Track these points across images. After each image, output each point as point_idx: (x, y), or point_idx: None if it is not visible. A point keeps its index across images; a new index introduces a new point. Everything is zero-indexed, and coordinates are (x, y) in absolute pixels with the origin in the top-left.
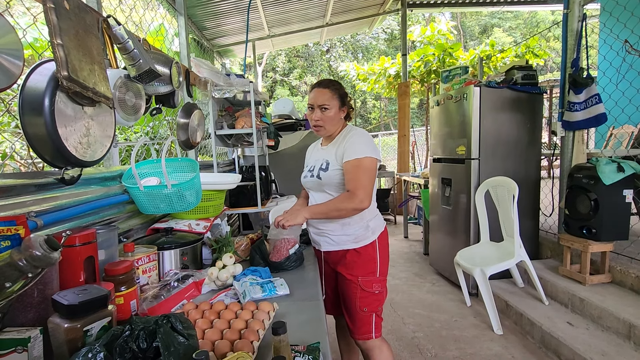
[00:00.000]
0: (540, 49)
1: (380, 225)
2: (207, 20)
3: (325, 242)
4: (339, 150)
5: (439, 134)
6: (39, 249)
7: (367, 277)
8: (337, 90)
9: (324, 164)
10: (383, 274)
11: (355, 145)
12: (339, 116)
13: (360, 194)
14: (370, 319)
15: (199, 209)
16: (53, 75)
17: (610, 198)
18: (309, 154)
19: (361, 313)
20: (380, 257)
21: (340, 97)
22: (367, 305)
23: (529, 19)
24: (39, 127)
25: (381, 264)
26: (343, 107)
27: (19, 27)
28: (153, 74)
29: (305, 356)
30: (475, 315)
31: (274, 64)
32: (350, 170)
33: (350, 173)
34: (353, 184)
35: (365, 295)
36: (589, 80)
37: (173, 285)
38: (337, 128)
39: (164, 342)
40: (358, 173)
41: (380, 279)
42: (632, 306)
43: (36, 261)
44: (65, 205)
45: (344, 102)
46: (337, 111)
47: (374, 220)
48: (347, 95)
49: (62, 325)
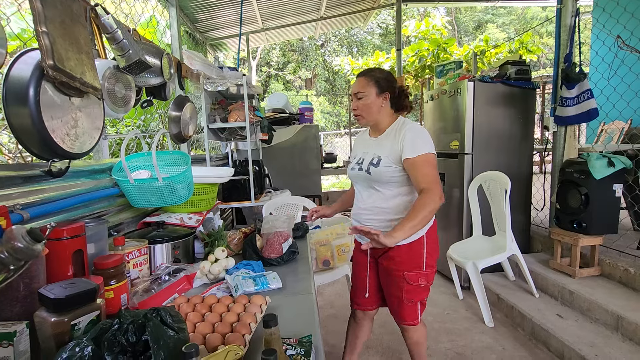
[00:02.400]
0: (534, 44)
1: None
2: (200, 12)
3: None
4: (394, 146)
5: (432, 129)
6: (22, 240)
7: (413, 271)
8: (373, 77)
9: (375, 159)
10: (430, 267)
11: (418, 141)
12: (378, 103)
13: (437, 189)
14: (416, 307)
15: (191, 203)
16: (38, 64)
17: (601, 192)
18: (356, 143)
19: (408, 304)
20: (427, 251)
21: (377, 83)
22: (413, 297)
23: (522, 15)
24: (24, 118)
25: (427, 258)
26: (382, 93)
27: (2, 16)
28: (143, 65)
29: (297, 348)
30: (467, 308)
31: (268, 58)
32: (420, 167)
33: (420, 170)
34: (427, 180)
35: (412, 289)
36: (581, 75)
37: (164, 279)
38: (381, 118)
39: (153, 336)
40: (428, 168)
41: (427, 272)
42: (620, 298)
43: (18, 253)
44: (53, 198)
45: (383, 89)
46: (375, 98)
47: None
48: (388, 80)
49: (48, 319)
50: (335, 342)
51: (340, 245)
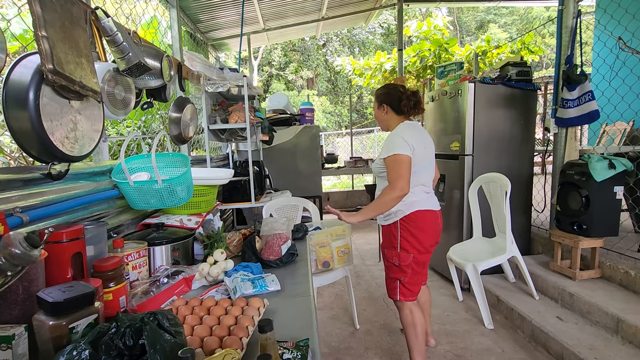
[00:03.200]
0: (536, 45)
1: (405, 211)
2: (202, 13)
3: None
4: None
5: (433, 130)
6: (19, 247)
7: (388, 249)
8: (375, 94)
9: (376, 156)
10: (405, 250)
11: (388, 144)
12: (381, 114)
13: (398, 184)
14: (395, 284)
15: (191, 205)
16: (38, 68)
17: (601, 194)
18: None
19: (388, 279)
20: (402, 235)
21: (377, 99)
22: (390, 273)
23: (524, 15)
24: (23, 122)
25: (402, 242)
26: (380, 106)
27: (2, 18)
28: (143, 68)
29: (294, 352)
30: (467, 310)
31: (269, 58)
32: (388, 166)
33: (387, 168)
34: (390, 177)
35: (388, 265)
36: (583, 77)
37: (163, 281)
38: (390, 124)
39: (150, 340)
40: (393, 167)
41: (401, 254)
42: (620, 301)
43: (16, 259)
44: (53, 201)
45: (380, 102)
46: (378, 111)
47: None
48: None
49: (47, 323)
50: (335, 344)
51: (340, 247)
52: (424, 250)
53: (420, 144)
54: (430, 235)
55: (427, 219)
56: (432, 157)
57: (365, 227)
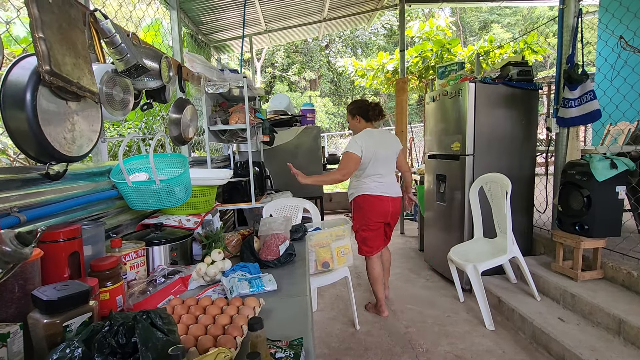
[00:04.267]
0: (539, 45)
1: (355, 194)
2: (204, 15)
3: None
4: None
5: (434, 130)
6: (9, 245)
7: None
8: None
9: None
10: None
11: (348, 144)
12: (355, 123)
13: (342, 171)
14: (360, 241)
15: (190, 205)
16: (35, 70)
17: (603, 194)
18: None
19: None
20: (354, 209)
21: (351, 112)
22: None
23: (528, 15)
24: (21, 122)
25: (354, 214)
26: (354, 117)
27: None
28: (141, 69)
29: (287, 351)
30: (468, 311)
31: (272, 59)
32: (341, 158)
33: (341, 159)
34: (340, 165)
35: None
36: (584, 76)
37: (159, 280)
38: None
39: (142, 338)
40: (344, 159)
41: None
42: (622, 302)
43: (6, 257)
44: (51, 201)
45: (353, 115)
46: (352, 121)
47: (352, 189)
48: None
49: (41, 321)
50: (335, 345)
51: (340, 247)
52: (371, 224)
53: (371, 146)
54: (373, 215)
55: (371, 202)
56: (389, 154)
57: None
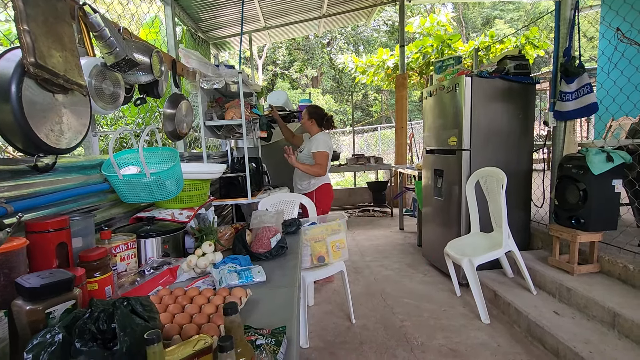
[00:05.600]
0: (540, 40)
1: (319, 184)
2: (202, 12)
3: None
4: (310, 144)
5: (432, 125)
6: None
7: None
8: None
9: (303, 148)
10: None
11: (318, 143)
12: (309, 123)
13: (322, 167)
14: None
15: (183, 199)
16: (20, 62)
17: (599, 188)
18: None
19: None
20: (317, 198)
21: (310, 115)
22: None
23: (531, 11)
24: (6, 114)
25: (317, 201)
26: (310, 119)
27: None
28: (131, 63)
29: (269, 338)
30: (464, 305)
31: (274, 56)
32: (316, 156)
33: (315, 157)
34: (317, 162)
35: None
36: (581, 69)
37: (148, 271)
38: (311, 131)
39: (121, 323)
40: (320, 157)
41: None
42: (618, 295)
43: None
44: (41, 193)
45: (311, 117)
46: (308, 121)
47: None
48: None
49: (24, 308)
50: (330, 338)
51: (335, 242)
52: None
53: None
54: (330, 199)
55: (329, 189)
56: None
57: (367, 224)
